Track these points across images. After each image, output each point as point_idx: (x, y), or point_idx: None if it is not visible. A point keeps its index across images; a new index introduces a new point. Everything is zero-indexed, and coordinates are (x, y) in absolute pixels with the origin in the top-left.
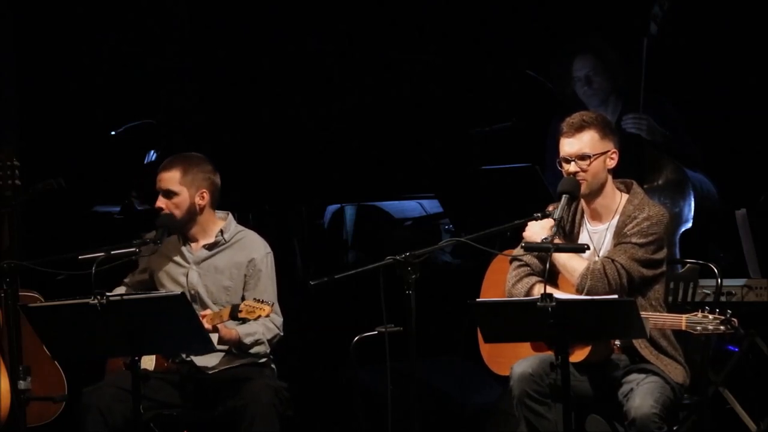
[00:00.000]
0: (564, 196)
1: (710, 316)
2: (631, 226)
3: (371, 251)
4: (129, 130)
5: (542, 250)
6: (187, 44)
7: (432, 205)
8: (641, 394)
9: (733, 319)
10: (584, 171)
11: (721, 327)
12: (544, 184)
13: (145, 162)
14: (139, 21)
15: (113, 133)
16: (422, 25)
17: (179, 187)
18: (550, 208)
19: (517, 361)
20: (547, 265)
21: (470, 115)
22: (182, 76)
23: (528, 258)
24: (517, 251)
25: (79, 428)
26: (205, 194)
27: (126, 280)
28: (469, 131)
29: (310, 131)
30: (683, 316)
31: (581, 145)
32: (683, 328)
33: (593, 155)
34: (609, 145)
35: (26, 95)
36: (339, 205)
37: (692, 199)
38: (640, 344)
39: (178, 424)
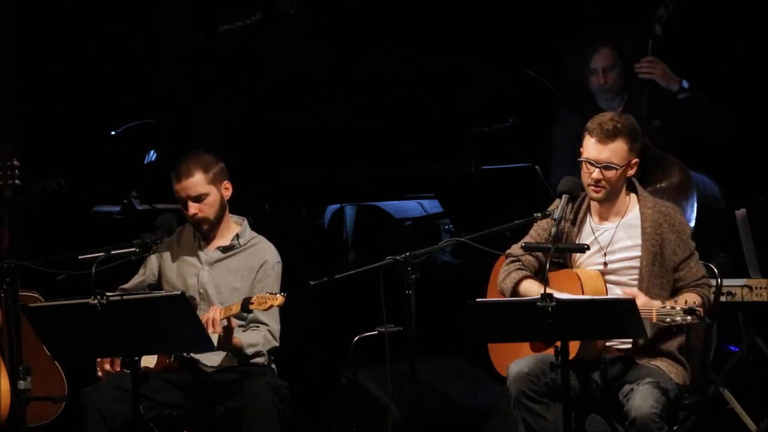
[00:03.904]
0: (564, 196)
1: (677, 307)
2: (672, 237)
3: (371, 251)
4: (129, 130)
5: (542, 251)
6: (186, 44)
7: (432, 205)
8: (641, 395)
9: (697, 309)
10: (607, 181)
11: (688, 317)
12: (544, 184)
13: (145, 162)
14: (139, 20)
15: (113, 133)
16: (423, 25)
17: (208, 188)
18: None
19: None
20: (547, 266)
21: (470, 115)
22: (181, 75)
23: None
24: (515, 249)
25: (79, 428)
26: (228, 184)
27: (129, 284)
28: (469, 131)
29: (310, 131)
30: (653, 308)
31: (609, 155)
32: (654, 320)
33: (619, 167)
34: (633, 156)
35: (26, 95)
36: (339, 205)
37: (695, 200)
38: (640, 344)
39: (178, 424)
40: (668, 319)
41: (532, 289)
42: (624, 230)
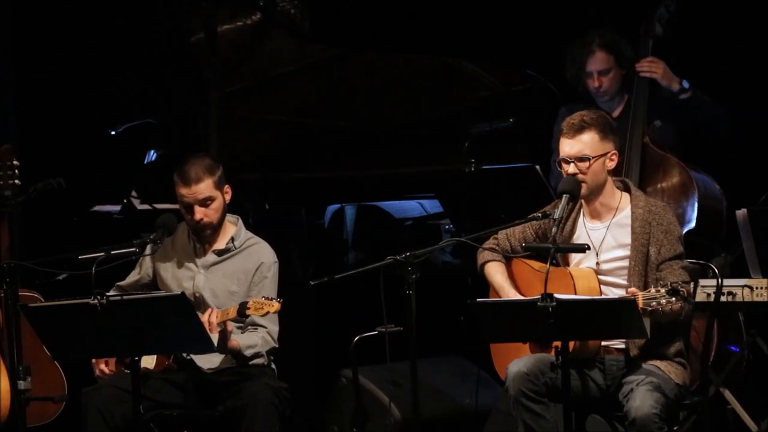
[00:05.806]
0: (564, 195)
1: (662, 290)
2: (660, 237)
3: (371, 251)
4: (129, 130)
5: (542, 251)
6: (186, 44)
7: (432, 205)
8: (641, 395)
9: (681, 289)
10: (583, 173)
11: (672, 299)
12: (544, 184)
13: (145, 162)
14: (138, 20)
15: (113, 132)
16: (423, 25)
17: (215, 192)
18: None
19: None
20: (548, 265)
21: (470, 115)
22: (181, 75)
23: (502, 238)
24: (501, 234)
25: (79, 428)
26: (228, 189)
27: (125, 282)
28: (469, 131)
29: (310, 131)
30: (640, 294)
31: (581, 147)
32: (641, 306)
33: (593, 157)
34: (609, 146)
35: (26, 95)
36: (339, 205)
37: (696, 200)
38: (641, 344)
39: (178, 424)
40: (654, 303)
41: (494, 273)
42: (615, 230)
